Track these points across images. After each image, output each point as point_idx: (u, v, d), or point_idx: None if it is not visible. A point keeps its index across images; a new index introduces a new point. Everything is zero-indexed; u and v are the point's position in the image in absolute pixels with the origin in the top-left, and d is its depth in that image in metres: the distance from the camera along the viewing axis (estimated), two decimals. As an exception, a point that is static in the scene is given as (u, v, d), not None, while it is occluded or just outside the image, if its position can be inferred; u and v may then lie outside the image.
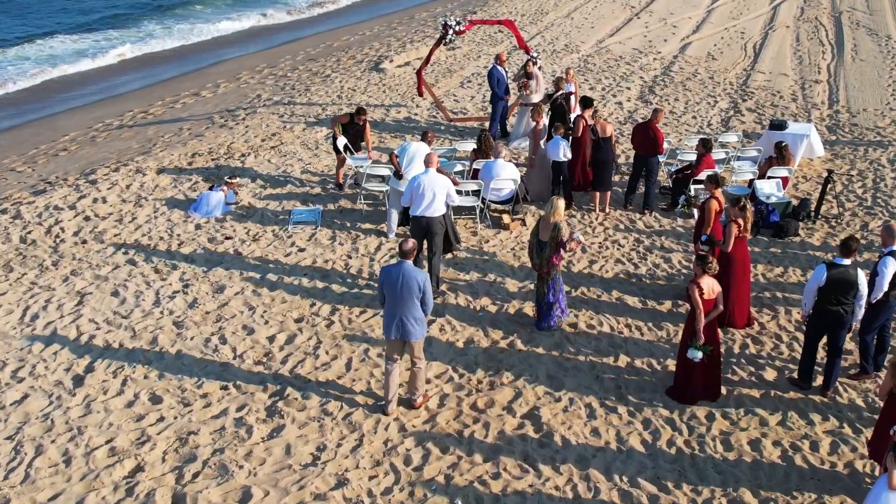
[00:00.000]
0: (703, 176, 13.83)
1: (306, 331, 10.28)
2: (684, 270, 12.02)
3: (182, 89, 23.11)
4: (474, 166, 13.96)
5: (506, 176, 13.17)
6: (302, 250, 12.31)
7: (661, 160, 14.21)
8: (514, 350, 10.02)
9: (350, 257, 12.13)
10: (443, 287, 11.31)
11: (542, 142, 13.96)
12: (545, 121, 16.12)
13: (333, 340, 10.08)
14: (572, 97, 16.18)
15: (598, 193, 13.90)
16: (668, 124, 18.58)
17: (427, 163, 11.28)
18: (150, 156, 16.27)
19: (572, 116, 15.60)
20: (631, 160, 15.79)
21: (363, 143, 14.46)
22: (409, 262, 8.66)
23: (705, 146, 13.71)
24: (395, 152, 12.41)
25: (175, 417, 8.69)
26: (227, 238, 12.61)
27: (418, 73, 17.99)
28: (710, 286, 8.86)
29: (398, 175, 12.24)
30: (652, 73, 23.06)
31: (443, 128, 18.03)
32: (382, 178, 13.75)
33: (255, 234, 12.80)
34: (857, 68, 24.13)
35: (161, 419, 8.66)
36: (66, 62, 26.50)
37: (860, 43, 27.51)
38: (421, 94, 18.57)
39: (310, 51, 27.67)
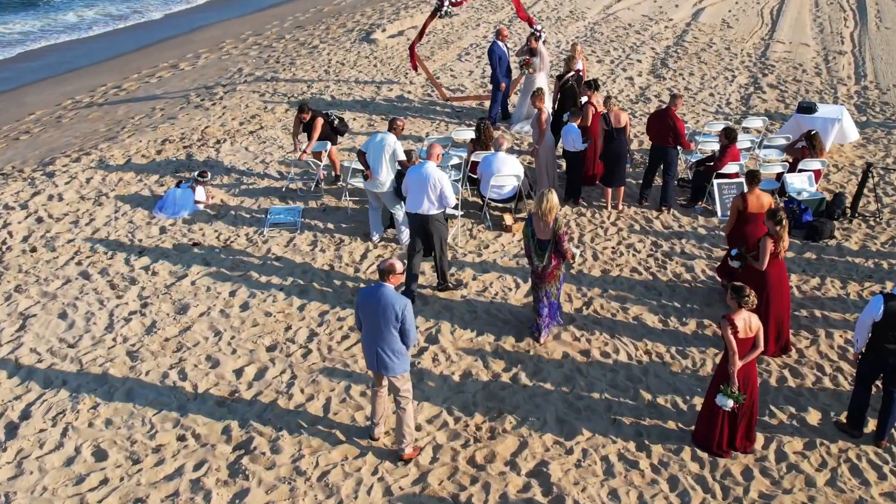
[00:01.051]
0: (727, 169, 12.44)
1: (279, 362, 8.95)
2: (709, 282, 10.66)
3: (162, 59, 21.56)
4: (472, 158, 12.52)
5: (508, 171, 11.74)
6: (279, 259, 10.93)
7: (680, 151, 12.77)
8: (519, 385, 8.71)
9: (332, 267, 10.76)
10: (444, 294, 10.06)
11: (548, 130, 12.48)
12: (549, 105, 14.68)
13: (310, 375, 8.76)
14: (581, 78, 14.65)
15: (609, 190, 12.48)
16: (684, 104, 17.05)
17: (427, 155, 10.02)
18: (117, 142, 14.79)
19: (582, 100, 14.11)
20: (644, 146, 14.36)
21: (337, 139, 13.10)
22: (389, 286, 7.35)
23: (729, 136, 12.27)
24: (362, 148, 10.95)
25: (121, 479, 7.39)
26: (195, 244, 11.22)
27: (411, 48, 16.41)
28: (747, 323, 7.52)
29: (366, 176, 10.84)
30: (664, 44, 21.46)
31: (438, 108, 16.52)
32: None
33: (227, 239, 11.40)
34: (883, 38, 22.52)
35: (104, 481, 7.36)
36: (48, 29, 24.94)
37: (884, 9, 25.81)
38: (416, 70, 17.00)
39: (299, 16, 26.01)
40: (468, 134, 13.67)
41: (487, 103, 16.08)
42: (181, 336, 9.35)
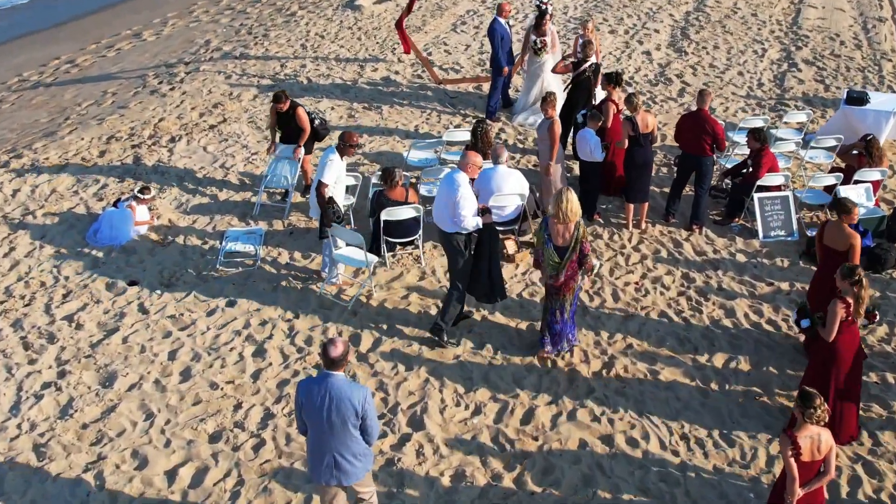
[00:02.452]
0: (768, 180, 10.47)
1: (223, 459, 7.11)
2: (754, 331, 8.78)
3: (125, 25, 19.30)
4: (468, 169, 10.49)
5: (510, 190, 9.75)
6: (232, 303, 9.02)
7: (716, 158, 10.77)
8: (525, 492, 6.88)
9: (297, 316, 8.85)
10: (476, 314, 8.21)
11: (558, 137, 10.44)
12: (560, 103, 12.62)
13: (261, 480, 6.92)
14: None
15: (631, 206, 10.50)
16: (709, 85, 14.94)
17: (462, 163, 8.29)
18: (55, 140, 12.72)
19: (597, 93, 12.03)
20: (666, 142, 12.31)
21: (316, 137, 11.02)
22: (340, 375, 5.62)
23: (758, 138, 10.29)
24: (324, 179, 8.92)
25: None
26: (132, 284, 9.30)
27: (399, 25, 14.20)
28: (814, 443, 5.69)
29: (327, 221, 8.90)
30: (683, 9, 19.17)
31: (430, 93, 14.41)
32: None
33: (171, 275, 9.47)
34: (927, 1, 20.21)
35: None
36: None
37: (924, -35, 23.38)
38: (407, 52, 14.82)
39: (277, -24, 23.56)
40: (463, 135, 11.62)
41: (486, 86, 13.98)
42: (103, 421, 7.48)
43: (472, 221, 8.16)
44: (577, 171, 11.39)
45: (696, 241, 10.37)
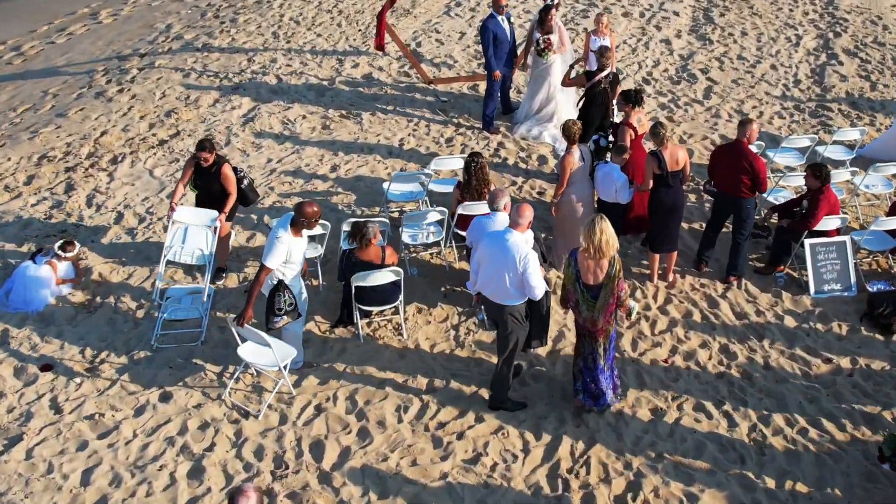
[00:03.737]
0: (824, 224, 8.68)
1: None
2: (811, 431, 7.07)
3: (83, 3, 17.19)
4: (460, 211, 8.69)
5: (511, 242, 7.95)
6: (167, 398, 7.28)
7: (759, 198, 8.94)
8: None
9: (246, 415, 7.13)
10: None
11: (574, 170, 8.58)
12: (566, 106, 10.81)
13: None
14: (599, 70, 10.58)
15: (657, 256, 8.72)
16: (739, 82, 13.02)
17: (514, 220, 6.81)
18: (-23, 160, 10.88)
19: (614, 109, 10.16)
20: (694, 159, 10.44)
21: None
22: None
23: (819, 176, 8.46)
24: (267, 262, 6.96)
25: None
26: (45, 369, 7.56)
27: (380, 17, 12.20)
28: None
29: (273, 313, 7.13)
30: (704, -14, 17.07)
31: (418, 95, 12.48)
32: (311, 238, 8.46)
33: (93, 358, 7.71)
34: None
35: None
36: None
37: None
38: (382, 50, 12.80)
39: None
40: (454, 163, 9.76)
41: (483, 85, 12.07)
42: (-14, 584, 5.82)
43: (542, 289, 6.76)
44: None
45: (735, 299, 8.61)
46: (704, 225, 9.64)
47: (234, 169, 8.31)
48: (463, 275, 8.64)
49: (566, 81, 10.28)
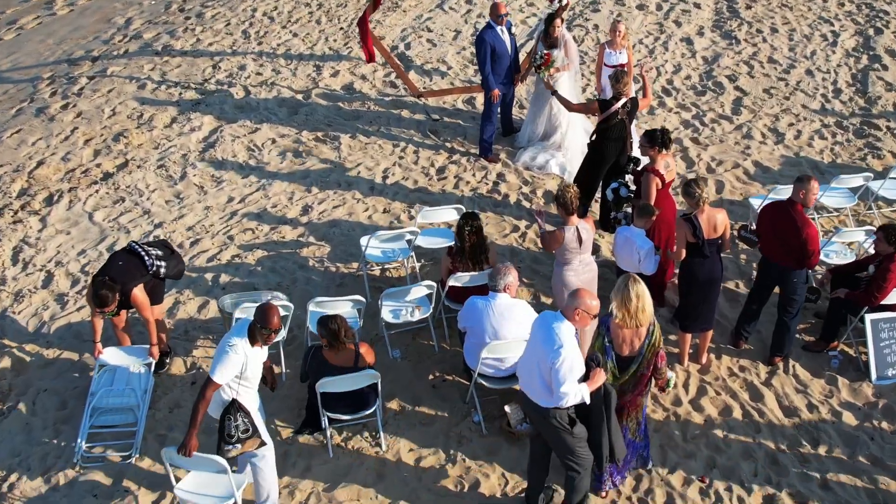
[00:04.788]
0: (891, 298, 7.20)
1: None
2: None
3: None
4: (451, 283, 7.19)
5: (514, 331, 6.47)
6: (87, 541, 5.89)
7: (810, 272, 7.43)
8: None
9: (184, 567, 5.73)
10: None
11: (579, 233, 7.05)
12: (571, 127, 9.32)
13: None
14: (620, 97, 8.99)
15: (688, 335, 7.25)
16: (772, 92, 11.42)
17: (565, 308, 5.41)
18: None
19: (634, 149, 8.61)
20: (725, 195, 8.90)
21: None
22: None
23: (892, 240, 6.96)
24: (214, 377, 5.47)
25: None
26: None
27: (362, 24, 10.53)
28: None
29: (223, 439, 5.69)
30: (727, -29, 15.33)
31: (406, 111, 10.88)
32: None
33: (3, 481, 6.28)
34: None
35: None
36: None
37: None
38: (371, 59, 11.15)
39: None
40: (445, 215, 8.23)
41: (481, 98, 10.49)
42: None
43: (575, 396, 5.33)
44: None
45: (783, 388, 7.16)
46: (740, 284, 8.22)
47: (144, 260, 6.66)
48: (456, 357, 7.20)
49: (572, 107, 8.66)
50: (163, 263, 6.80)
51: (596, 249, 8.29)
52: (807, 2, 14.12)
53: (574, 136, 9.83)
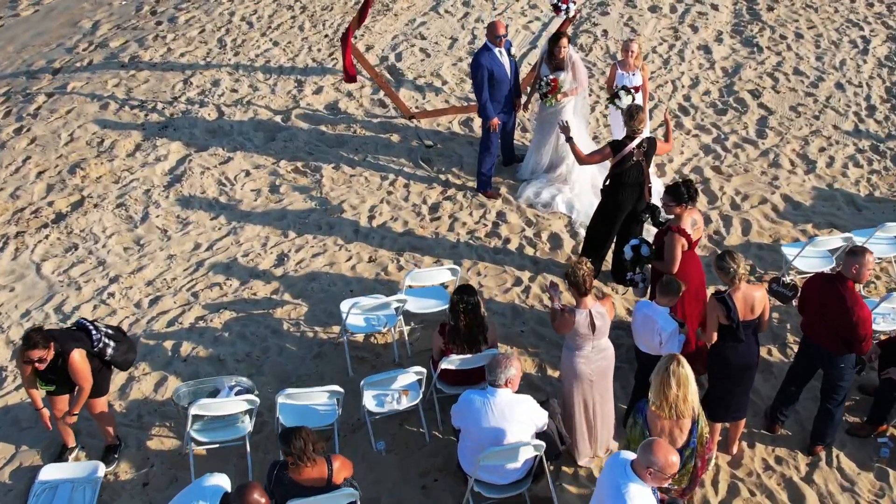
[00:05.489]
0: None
1: None
2: None
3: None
4: (444, 366, 6.20)
5: (519, 428, 5.49)
6: None
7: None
8: None
9: None
10: None
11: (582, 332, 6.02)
12: (586, 203, 8.34)
13: None
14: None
15: (719, 425, 6.27)
16: (800, 110, 10.37)
17: (634, 462, 4.50)
18: None
19: (651, 186, 7.58)
20: (752, 238, 7.87)
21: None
22: None
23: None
24: None
25: None
26: None
27: (345, 40, 9.42)
28: None
29: None
30: (745, -34, 14.17)
31: (396, 135, 9.83)
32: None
33: None
34: None
35: None
36: None
37: None
38: (352, 78, 10.05)
39: None
40: (437, 275, 7.20)
41: (478, 120, 9.40)
42: None
43: None
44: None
45: (826, 485, 6.20)
46: (773, 350, 7.24)
47: (91, 334, 5.71)
48: (451, 447, 6.23)
49: (585, 159, 7.53)
50: (111, 343, 5.84)
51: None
52: (833, 2, 13.00)
53: (582, 169, 8.79)
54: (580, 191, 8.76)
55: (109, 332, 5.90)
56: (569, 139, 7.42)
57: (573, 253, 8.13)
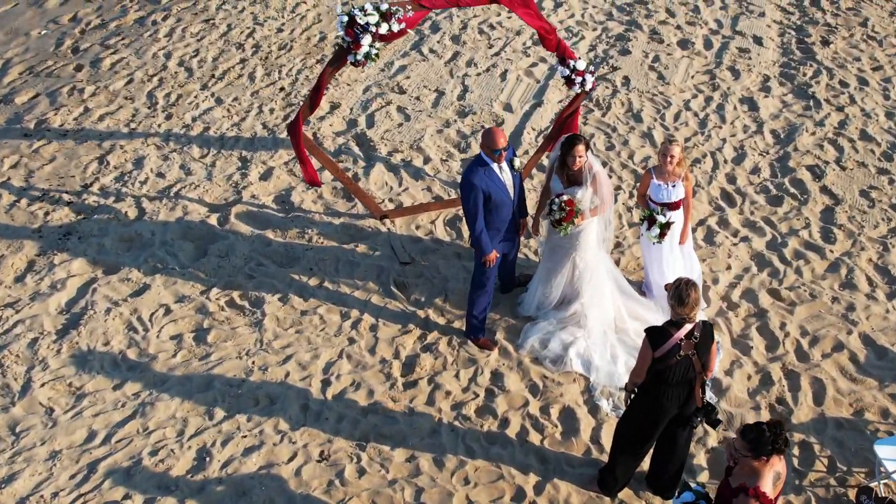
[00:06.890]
0: None
1: None
2: None
3: None
4: None
5: None
6: None
7: None
8: None
9: None
10: None
11: None
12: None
13: None
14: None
15: None
16: (872, 196, 8.23)
17: None
18: None
19: (705, 381, 5.51)
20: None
21: None
22: None
23: None
24: None
25: None
26: None
27: (294, 131, 7.18)
28: None
29: None
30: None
31: (361, 247, 7.68)
32: None
33: None
34: None
35: None
36: None
37: None
38: (314, 180, 7.83)
39: None
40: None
41: (462, 212, 7.22)
42: None
43: None
44: None
45: None
46: None
47: None
48: None
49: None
50: None
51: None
52: (894, 22, 10.73)
53: (601, 309, 6.72)
54: (598, 338, 6.68)
55: None
56: None
57: (592, 442, 6.09)
